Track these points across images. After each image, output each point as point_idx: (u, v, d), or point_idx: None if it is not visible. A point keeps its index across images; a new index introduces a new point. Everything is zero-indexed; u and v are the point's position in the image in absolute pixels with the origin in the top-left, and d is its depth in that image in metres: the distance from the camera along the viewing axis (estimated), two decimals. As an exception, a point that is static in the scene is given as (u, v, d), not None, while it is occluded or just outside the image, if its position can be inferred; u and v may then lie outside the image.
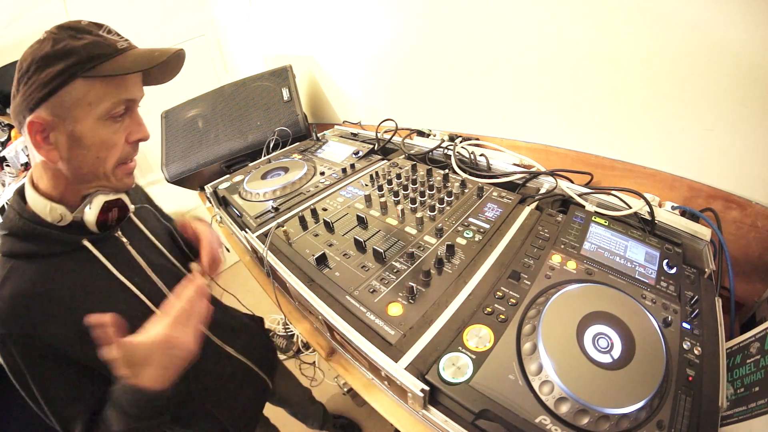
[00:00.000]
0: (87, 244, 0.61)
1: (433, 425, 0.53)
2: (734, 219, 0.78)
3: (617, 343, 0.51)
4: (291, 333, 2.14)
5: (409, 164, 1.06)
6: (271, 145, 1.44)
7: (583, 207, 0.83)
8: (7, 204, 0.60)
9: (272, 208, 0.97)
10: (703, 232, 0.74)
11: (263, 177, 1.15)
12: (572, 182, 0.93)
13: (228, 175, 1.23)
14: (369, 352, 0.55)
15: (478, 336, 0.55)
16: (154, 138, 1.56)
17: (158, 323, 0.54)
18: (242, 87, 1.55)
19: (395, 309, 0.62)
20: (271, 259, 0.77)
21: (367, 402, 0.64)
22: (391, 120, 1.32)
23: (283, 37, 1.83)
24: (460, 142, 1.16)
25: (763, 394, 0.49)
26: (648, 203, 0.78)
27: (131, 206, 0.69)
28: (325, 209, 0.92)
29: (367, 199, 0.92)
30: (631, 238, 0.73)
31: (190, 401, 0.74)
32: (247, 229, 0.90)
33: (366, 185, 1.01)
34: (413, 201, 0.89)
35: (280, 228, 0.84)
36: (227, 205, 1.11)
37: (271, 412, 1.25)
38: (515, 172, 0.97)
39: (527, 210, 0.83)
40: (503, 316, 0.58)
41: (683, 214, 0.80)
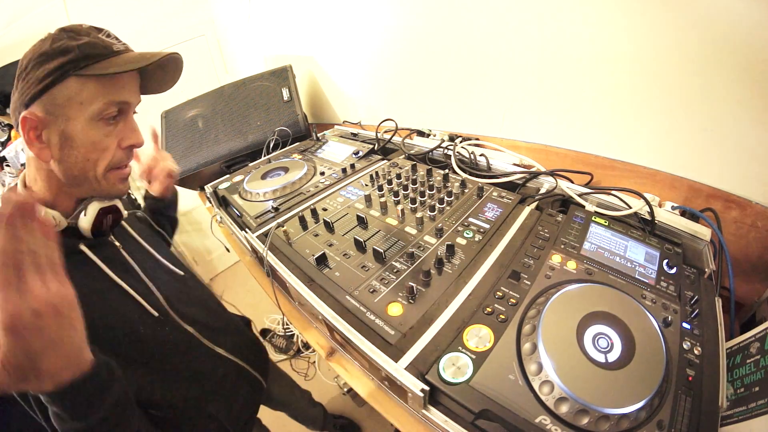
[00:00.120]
0: (84, 249, 0.61)
1: (433, 425, 0.53)
2: (734, 219, 0.78)
3: (617, 343, 0.51)
4: (291, 333, 2.14)
5: (409, 164, 1.06)
6: (271, 145, 1.44)
7: (583, 207, 0.83)
8: None
9: (272, 208, 0.97)
10: (703, 232, 0.74)
11: (263, 177, 1.15)
12: (572, 182, 0.93)
13: (228, 175, 1.23)
14: (369, 352, 0.55)
15: (478, 336, 0.55)
16: (154, 138, 1.57)
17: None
18: (242, 87, 1.55)
19: (395, 309, 0.62)
20: (271, 259, 0.77)
21: (367, 402, 0.64)
22: (391, 120, 1.32)
23: (283, 37, 1.83)
24: (460, 142, 1.16)
25: (763, 394, 0.49)
26: (648, 203, 0.78)
27: (124, 212, 0.69)
28: (325, 209, 0.92)
29: (367, 199, 0.92)
30: (631, 238, 0.73)
31: (190, 406, 0.74)
32: (247, 229, 0.90)
33: (366, 185, 1.01)
34: (413, 201, 0.89)
35: (280, 228, 0.84)
36: (227, 205, 1.11)
37: (271, 416, 1.25)
38: (515, 172, 0.97)
39: (527, 210, 0.83)
40: (503, 316, 0.58)
41: (683, 214, 0.80)
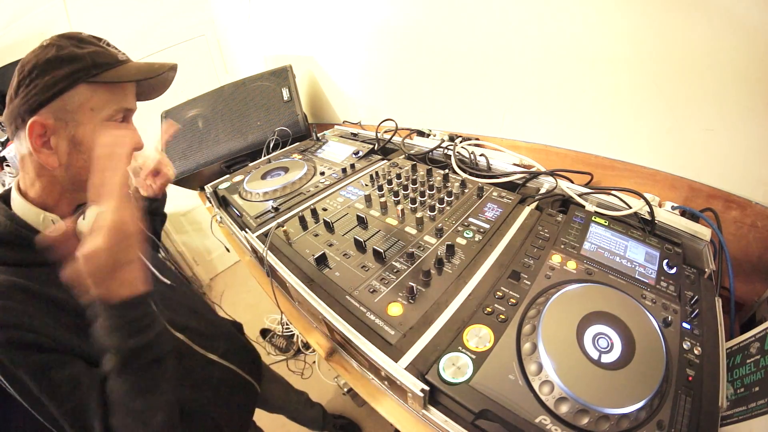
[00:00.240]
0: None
1: (433, 425, 0.53)
2: (734, 219, 0.78)
3: (617, 343, 0.51)
4: (291, 333, 2.14)
5: (409, 164, 1.06)
6: (271, 145, 1.44)
7: (583, 207, 0.83)
8: None
9: (272, 208, 0.97)
10: (703, 232, 0.74)
11: (263, 177, 1.15)
12: (572, 182, 0.93)
13: (228, 175, 1.23)
14: (369, 352, 0.55)
15: (478, 336, 0.55)
16: (154, 138, 1.57)
17: (103, 215, 0.46)
18: (242, 87, 1.55)
19: (395, 309, 0.62)
20: (271, 259, 0.77)
21: (367, 402, 0.64)
22: (391, 120, 1.32)
23: (283, 37, 1.83)
24: (460, 142, 1.16)
25: (763, 394, 0.49)
26: (648, 203, 0.78)
27: None
28: (325, 209, 0.92)
29: (367, 199, 0.92)
30: (631, 238, 0.73)
31: (193, 412, 0.73)
32: (247, 229, 0.90)
33: (366, 185, 1.01)
34: (413, 201, 0.89)
35: (280, 228, 0.84)
36: (227, 205, 1.11)
37: (269, 417, 1.25)
38: (515, 172, 0.97)
39: (527, 210, 0.83)
40: (503, 316, 0.58)
41: (683, 214, 0.80)
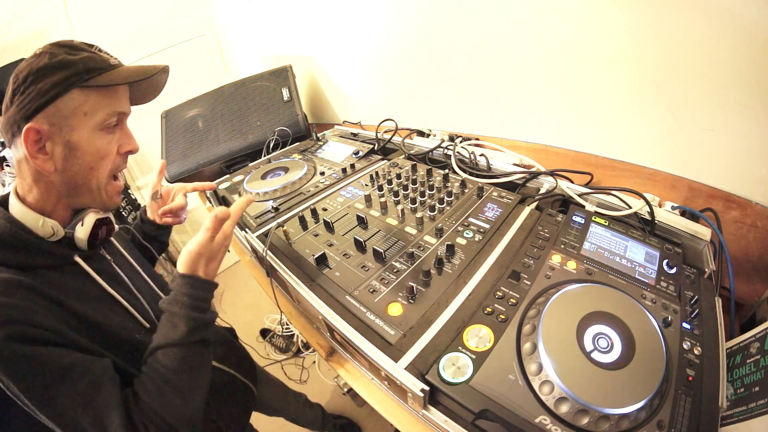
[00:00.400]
0: (78, 260, 0.61)
1: (433, 425, 0.53)
2: (734, 219, 0.78)
3: (617, 343, 0.51)
4: (291, 333, 2.14)
5: (409, 164, 1.06)
6: (271, 145, 1.44)
7: (583, 207, 0.83)
8: None
9: (272, 208, 0.97)
10: (703, 232, 0.74)
11: (263, 177, 1.15)
12: (572, 182, 0.93)
13: (228, 175, 1.23)
14: (369, 352, 0.55)
15: (478, 336, 0.55)
16: (155, 138, 1.57)
17: (229, 223, 0.63)
18: (242, 87, 1.55)
19: (395, 309, 0.62)
20: (271, 259, 0.77)
21: (367, 402, 0.64)
22: (391, 120, 1.32)
23: (283, 37, 1.83)
24: (460, 142, 1.16)
25: (763, 394, 0.49)
26: (648, 203, 0.78)
27: (116, 226, 0.71)
28: (325, 209, 0.92)
29: (367, 199, 0.92)
30: (631, 238, 0.73)
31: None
32: (247, 229, 0.90)
33: (366, 185, 1.01)
34: (413, 201, 0.89)
35: (280, 228, 0.84)
36: (227, 205, 1.11)
37: (270, 420, 1.25)
38: (515, 172, 0.97)
39: (527, 210, 0.83)
40: (503, 316, 0.58)
41: (683, 214, 0.80)
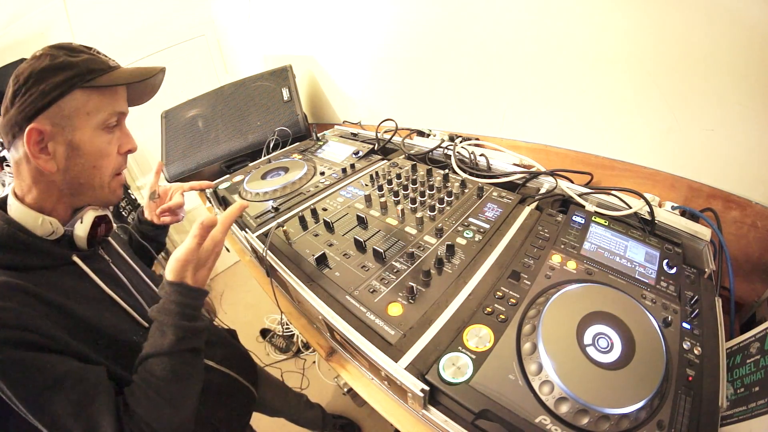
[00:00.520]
0: (76, 260, 0.61)
1: (433, 425, 0.53)
2: (734, 219, 0.78)
3: (617, 343, 0.51)
4: (291, 333, 2.14)
5: (409, 164, 1.06)
6: (271, 145, 1.44)
7: (583, 207, 0.83)
8: None
9: (272, 208, 0.97)
10: (703, 232, 0.74)
11: (263, 177, 1.15)
12: (572, 182, 0.93)
13: (228, 175, 1.23)
14: (369, 352, 0.55)
15: (478, 336, 0.55)
16: (155, 138, 1.57)
17: (218, 229, 0.61)
18: (242, 87, 1.55)
19: (395, 309, 0.62)
20: (271, 259, 0.77)
21: (367, 402, 0.64)
22: (391, 120, 1.32)
23: (283, 37, 1.83)
24: (460, 142, 1.16)
25: (763, 394, 0.49)
26: (648, 203, 0.78)
27: (114, 225, 0.70)
28: (325, 209, 0.92)
29: (367, 199, 0.92)
30: (631, 238, 0.73)
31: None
32: (247, 229, 0.90)
33: (366, 185, 1.01)
34: (413, 201, 0.89)
35: (280, 228, 0.84)
36: (227, 205, 1.11)
37: (270, 420, 1.25)
38: (515, 172, 0.97)
39: (527, 210, 0.83)
40: (503, 316, 0.58)
41: (683, 214, 0.80)
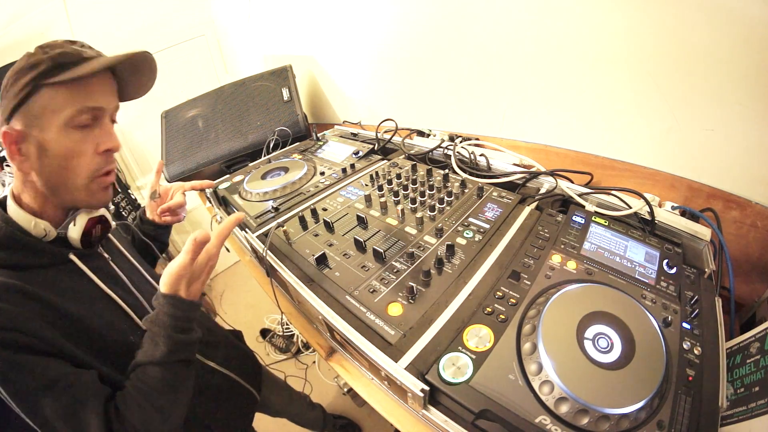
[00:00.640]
0: (73, 258, 0.61)
1: (433, 425, 0.53)
2: (734, 219, 0.78)
3: (617, 343, 0.51)
4: (291, 333, 2.14)
5: (409, 164, 1.06)
6: (271, 145, 1.44)
7: (583, 207, 0.83)
8: None
9: (272, 208, 0.97)
10: (703, 232, 0.74)
11: (263, 177, 1.15)
12: (572, 182, 0.93)
13: (228, 175, 1.23)
14: (369, 352, 0.55)
15: (478, 336, 0.55)
16: (155, 138, 1.57)
17: (213, 243, 0.59)
18: (242, 87, 1.55)
19: (395, 309, 0.62)
20: (271, 259, 0.77)
21: (367, 402, 0.64)
22: (391, 120, 1.32)
23: (283, 37, 1.83)
24: (460, 142, 1.16)
25: (763, 394, 0.49)
26: (648, 203, 0.78)
27: (113, 223, 0.69)
28: (325, 209, 0.92)
29: (367, 199, 0.92)
30: (631, 238, 0.73)
31: (188, 420, 0.70)
32: (247, 229, 0.90)
33: (366, 185, 1.01)
34: (413, 201, 0.89)
35: (280, 228, 0.84)
36: (227, 205, 1.11)
37: (270, 420, 1.25)
38: (515, 172, 0.97)
39: (527, 210, 0.83)
40: (503, 316, 0.58)
41: (683, 214, 0.80)
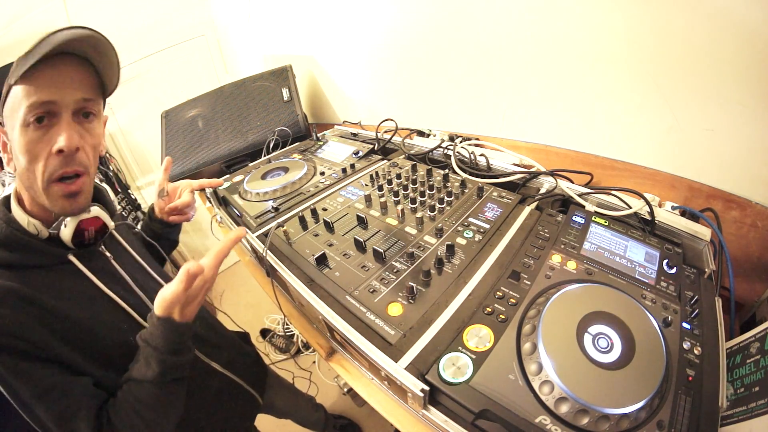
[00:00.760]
0: (72, 258, 0.61)
1: (433, 425, 0.53)
2: (734, 219, 0.78)
3: (617, 343, 0.51)
4: (291, 333, 2.15)
5: (409, 164, 1.06)
6: (271, 145, 1.44)
7: (583, 207, 0.83)
8: None
9: (272, 208, 0.97)
10: (703, 232, 0.74)
11: (263, 177, 1.15)
12: (572, 182, 0.93)
13: (228, 175, 1.23)
14: (369, 352, 0.55)
15: (478, 336, 0.55)
16: (155, 138, 1.58)
17: (209, 264, 0.58)
18: (242, 87, 1.55)
19: (395, 309, 0.62)
20: (271, 259, 0.77)
21: (367, 402, 0.64)
22: (391, 120, 1.32)
23: (283, 37, 1.83)
24: (460, 142, 1.16)
25: (763, 394, 0.49)
26: (648, 203, 0.78)
27: (111, 223, 0.68)
28: (325, 209, 0.92)
29: (367, 199, 0.92)
30: (631, 238, 0.73)
31: (183, 420, 0.70)
32: (247, 229, 0.90)
33: (366, 185, 1.01)
34: (413, 201, 0.89)
35: (280, 228, 0.84)
36: (227, 205, 1.11)
37: (270, 420, 1.25)
38: (515, 172, 0.97)
39: (527, 210, 0.83)
40: (503, 316, 0.58)
41: (683, 214, 0.80)
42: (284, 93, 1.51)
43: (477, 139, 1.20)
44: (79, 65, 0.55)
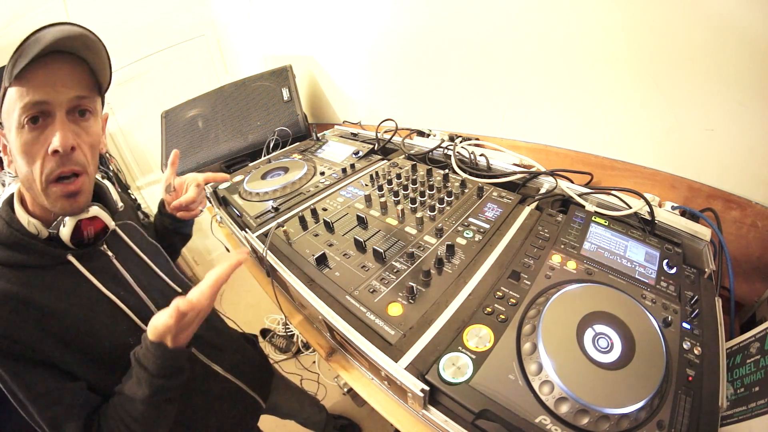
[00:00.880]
0: (71, 259, 0.61)
1: (433, 425, 0.53)
2: (734, 219, 0.78)
3: (617, 343, 0.51)
4: (291, 333, 2.15)
5: (409, 164, 1.06)
6: (271, 145, 1.44)
7: (583, 207, 0.83)
8: None
9: (272, 208, 0.97)
10: (703, 232, 0.74)
11: (263, 177, 1.15)
12: (572, 182, 0.93)
13: (228, 175, 1.23)
14: (369, 352, 0.55)
15: (478, 336, 0.55)
16: (155, 138, 1.58)
17: (205, 294, 0.56)
18: (242, 87, 1.55)
19: (395, 309, 0.62)
20: (271, 259, 0.77)
21: (367, 402, 0.64)
22: (391, 120, 1.32)
23: (283, 36, 1.83)
24: (460, 142, 1.16)
25: (763, 394, 0.49)
26: (648, 203, 0.78)
27: (111, 223, 0.66)
28: (325, 209, 0.92)
29: (367, 199, 0.92)
30: (631, 238, 0.73)
31: (180, 422, 0.70)
32: (247, 229, 0.90)
33: (366, 185, 1.01)
34: (413, 201, 0.89)
35: (280, 228, 0.84)
36: (227, 205, 1.11)
37: (271, 420, 1.25)
38: (515, 172, 0.97)
39: (527, 210, 0.83)
40: (503, 316, 0.58)
41: (683, 214, 0.80)
42: (284, 93, 1.52)
43: (477, 139, 1.20)
44: (72, 63, 0.54)
